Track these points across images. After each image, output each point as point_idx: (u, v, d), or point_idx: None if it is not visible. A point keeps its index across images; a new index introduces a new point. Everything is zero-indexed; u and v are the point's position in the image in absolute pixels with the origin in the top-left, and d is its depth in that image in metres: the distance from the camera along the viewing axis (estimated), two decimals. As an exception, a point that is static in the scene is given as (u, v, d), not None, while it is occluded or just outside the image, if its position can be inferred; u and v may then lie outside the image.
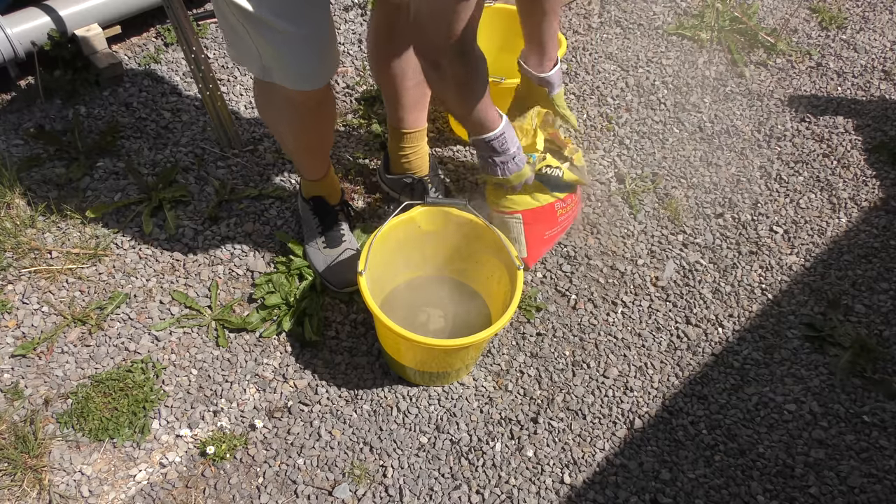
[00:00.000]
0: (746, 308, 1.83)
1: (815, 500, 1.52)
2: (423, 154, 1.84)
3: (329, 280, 1.73)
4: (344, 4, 2.52)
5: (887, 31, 2.62)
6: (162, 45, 2.31)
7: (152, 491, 1.45)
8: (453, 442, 1.56)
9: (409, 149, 1.81)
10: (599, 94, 2.32)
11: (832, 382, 1.70)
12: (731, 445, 1.59)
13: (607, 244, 1.93)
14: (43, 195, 1.89)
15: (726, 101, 2.34)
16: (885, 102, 2.36)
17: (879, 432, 1.62)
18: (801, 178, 2.13)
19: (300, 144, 1.61)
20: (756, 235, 1.98)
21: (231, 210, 1.91)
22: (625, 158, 2.15)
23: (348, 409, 1.59)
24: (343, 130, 2.14)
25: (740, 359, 1.73)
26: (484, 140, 1.45)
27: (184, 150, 2.03)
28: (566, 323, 1.77)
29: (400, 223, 1.58)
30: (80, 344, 1.64)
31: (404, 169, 1.85)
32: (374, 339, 1.70)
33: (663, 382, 1.68)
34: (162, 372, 1.61)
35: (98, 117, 2.09)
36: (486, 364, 1.69)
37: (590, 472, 1.54)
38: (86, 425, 1.51)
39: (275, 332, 1.68)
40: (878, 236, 1.99)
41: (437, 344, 1.39)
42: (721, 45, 2.53)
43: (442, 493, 1.48)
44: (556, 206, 1.75)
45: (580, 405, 1.63)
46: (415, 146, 1.81)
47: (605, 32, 2.55)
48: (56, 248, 1.79)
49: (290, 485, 1.48)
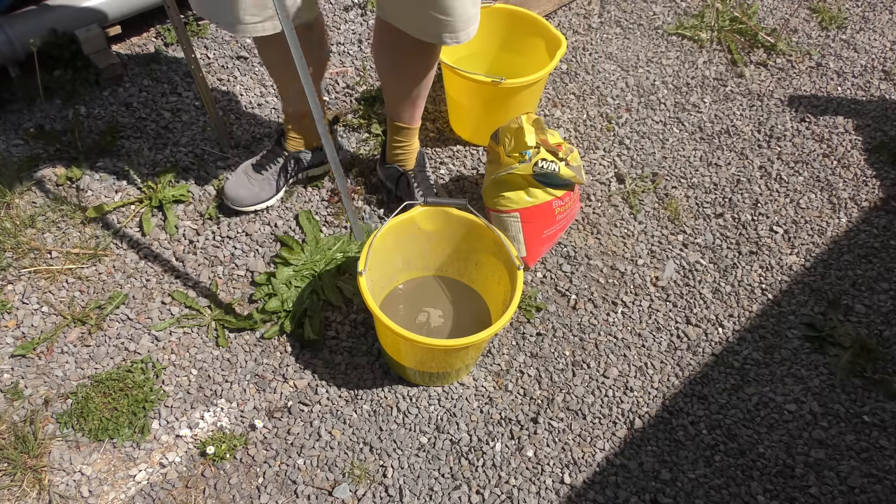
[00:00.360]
0: (746, 308, 1.83)
1: (815, 500, 1.52)
2: (414, 150, 1.88)
3: (227, 194, 1.84)
4: (344, 4, 2.52)
5: (887, 31, 2.62)
6: (162, 45, 2.31)
7: (152, 491, 1.45)
8: (453, 442, 1.56)
9: (401, 142, 1.85)
10: (599, 94, 2.32)
11: (832, 382, 1.70)
12: (731, 445, 1.59)
13: (607, 244, 1.93)
14: (43, 195, 1.89)
15: (726, 101, 2.34)
16: (885, 102, 2.36)
17: (879, 432, 1.62)
18: (801, 178, 2.13)
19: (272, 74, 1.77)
20: (756, 235, 1.98)
21: (231, 210, 1.91)
22: (625, 158, 2.15)
23: (348, 409, 1.59)
24: (343, 131, 2.14)
25: (740, 359, 1.73)
26: None
27: (184, 150, 2.03)
28: (566, 323, 1.77)
29: (400, 223, 1.58)
30: (79, 344, 1.64)
31: (394, 160, 1.90)
32: (374, 339, 1.70)
33: (663, 382, 1.68)
34: (162, 372, 1.61)
35: (98, 117, 2.09)
36: (486, 364, 1.69)
37: (590, 472, 1.53)
38: (86, 425, 1.51)
39: (275, 334, 1.68)
40: (878, 236, 1.99)
41: (437, 344, 1.39)
42: (721, 45, 2.53)
43: (442, 493, 1.48)
44: (554, 204, 1.75)
45: (580, 405, 1.63)
46: (406, 141, 1.85)
47: (605, 32, 2.55)
48: (56, 248, 1.78)
49: (290, 485, 1.48)
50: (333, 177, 2.02)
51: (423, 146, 2.12)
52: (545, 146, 1.73)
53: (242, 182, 1.86)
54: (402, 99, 1.72)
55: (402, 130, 1.82)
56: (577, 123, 2.24)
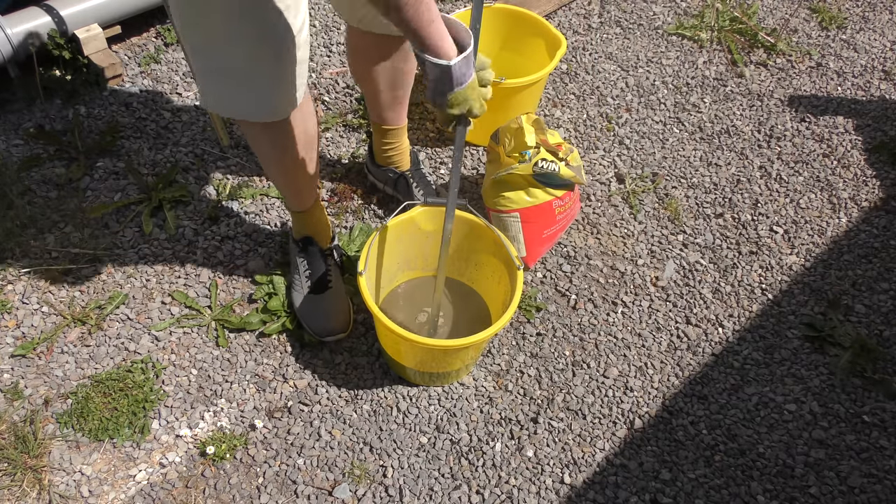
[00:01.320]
0: (746, 308, 1.83)
1: (815, 500, 1.52)
2: (405, 149, 1.86)
3: (310, 326, 1.65)
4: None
5: (887, 31, 2.62)
6: (162, 45, 2.31)
7: (152, 491, 1.45)
8: (453, 442, 1.56)
9: (390, 143, 1.83)
10: (599, 94, 2.32)
11: (832, 382, 1.70)
12: (731, 445, 1.59)
13: (607, 244, 1.93)
14: (43, 195, 1.89)
15: (726, 101, 2.34)
16: (885, 102, 2.36)
17: (879, 432, 1.62)
18: (801, 178, 2.13)
19: (278, 169, 1.52)
20: (756, 235, 1.98)
21: (231, 210, 1.91)
22: (625, 158, 2.15)
23: (348, 409, 1.59)
24: (343, 130, 2.14)
25: (740, 359, 1.73)
26: None
27: (184, 150, 2.03)
28: (566, 323, 1.77)
29: (400, 223, 1.58)
30: (79, 344, 1.64)
31: (387, 162, 1.88)
32: (374, 339, 1.70)
33: (663, 382, 1.68)
34: (162, 372, 1.61)
35: (98, 117, 2.09)
36: (486, 364, 1.69)
37: (590, 472, 1.53)
38: (86, 425, 1.51)
39: (276, 331, 1.68)
40: (878, 236, 1.99)
41: (436, 344, 1.39)
42: (721, 45, 2.53)
43: (442, 493, 1.48)
44: (554, 204, 1.75)
45: (580, 405, 1.63)
46: (396, 141, 1.83)
47: (605, 32, 2.55)
48: (56, 248, 1.78)
49: (290, 485, 1.48)
50: (333, 176, 2.02)
51: (422, 146, 2.12)
52: (545, 146, 1.73)
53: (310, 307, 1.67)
54: (385, 101, 1.71)
55: (389, 132, 1.80)
56: (577, 123, 2.24)
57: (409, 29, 1.10)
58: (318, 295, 1.66)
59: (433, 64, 1.15)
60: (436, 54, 1.14)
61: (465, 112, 1.25)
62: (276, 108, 1.35)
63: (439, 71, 1.16)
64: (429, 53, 1.14)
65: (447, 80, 1.18)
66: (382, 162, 1.88)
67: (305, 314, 1.67)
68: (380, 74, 1.65)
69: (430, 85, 1.22)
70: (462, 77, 1.19)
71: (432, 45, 1.13)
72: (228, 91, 1.31)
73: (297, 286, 1.68)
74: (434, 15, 1.10)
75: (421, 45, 1.13)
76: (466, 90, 1.21)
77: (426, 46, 1.13)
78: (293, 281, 1.70)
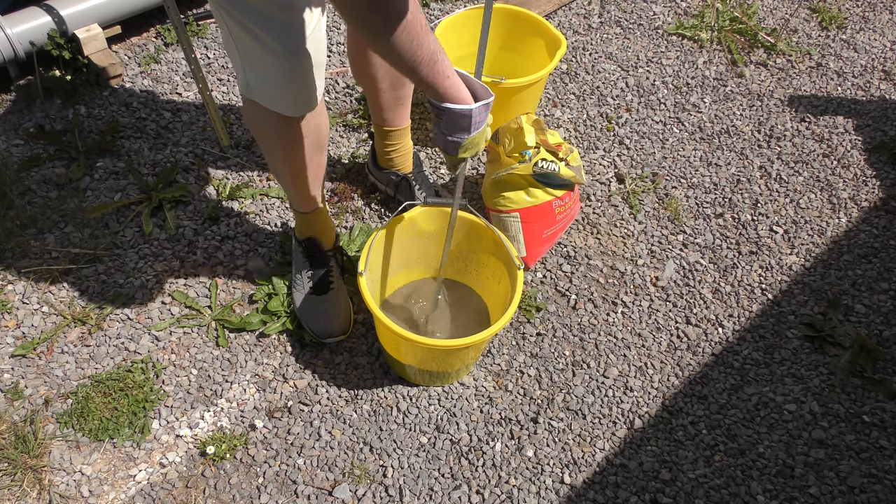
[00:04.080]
0: (746, 308, 1.83)
1: (815, 500, 1.52)
2: (407, 151, 1.86)
3: (311, 327, 1.66)
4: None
5: (887, 31, 2.63)
6: (162, 45, 2.31)
7: (152, 491, 1.45)
8: (453, 442, 1.56)
9: (392, 145, 1.82)
10: (599, 94, 2.32)
11: (832, 382, 1.70)
12: (731, 445, 1.59)
13: (607, 244, 1.93)
14: (43, 195, 1.89)
15: (726, 101, 2.34)
16: (885, 102, 2.36)
17: (879, 432, 1.62)
18: (801, 178, 2.13)
19: (287, 168, 1.51)
20: (756, 235, 1.98)
21: (231, 210, 1.91)
22: (625, 158, 2.15)
23: (348, 409, 1.59)
24: (343, 130, 2.14)
25: (740, 359, 1.73)
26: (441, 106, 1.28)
27: (184, 150, 2.03)
28: (566, 323, 1.77)
29: (400, 223, 1.58)
30: (79, 344, 1.64)
31: (389, 165, 1.87)
32: (374, 339, 1.70)
33: (663, 382, 1.68)
34: (162, 372, 1.61)
35: (98, 117, 2.09)
36: (486, 364, 1.69)
37: (590, 472, 1.54)
38: (86, 425, 1.51)
39: (276, 331, 1.68)
40: (878, 236, 1.99)
41: (437, 344, 1.39)
42: (721, 45, 2.53)
43: (442, 493, 1.48)
44: (554, 204, 1.75)
45: (580, 405, 1.63)
46: (399, 143, 1.83)
47: (605, 32, 2.55)
48: (56, 248, 1.79)
49: (290, 485, 1.48)
50: (333, 176, 2.02)
51: (422, 146, 2.12)
52: (545, 146, 1.73)
53: (312, 308, 1.67)
54: (387, 102, 1.71)
55: (391, 133, 1.79)
56: (577, 123, 2.24)
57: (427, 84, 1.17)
58: (320, 296, 1.66)
59: (454, 111, 1.22)
60: (455, 101, 1.21)
61: (473, 156, 1.34)
62: (310, 101, 1.38)
63: (458, 116, 1.23)
64: (448, 101, 1.21)
65: (466, 125, 1.25)
66: (385, 164, 1.88)
67: (306, 315, 1.67)
68: (381, 74, 1.65)
69: (444, 132, 1.28)
70: (479, 124, 1.27)
71: (451, 94, 1.20)
72: (274, 83, 1.33)
73: (299, 286, 1.68)
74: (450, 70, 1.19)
75: (440, 96, 1.20)
76: (478, 135, 1.29)
77: (446, 96, 1.20)
78: (295, 281, 1.70)
